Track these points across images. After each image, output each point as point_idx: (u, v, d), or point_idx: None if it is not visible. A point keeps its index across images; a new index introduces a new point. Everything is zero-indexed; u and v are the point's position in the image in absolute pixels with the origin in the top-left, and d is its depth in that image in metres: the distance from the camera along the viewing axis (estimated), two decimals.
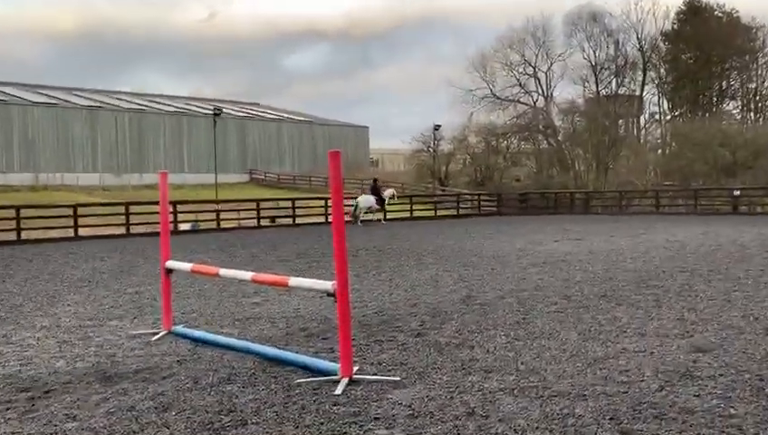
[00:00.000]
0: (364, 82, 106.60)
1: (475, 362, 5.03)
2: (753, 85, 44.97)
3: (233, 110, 57.76)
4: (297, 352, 5.33)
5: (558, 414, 3.83)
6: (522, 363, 4.96)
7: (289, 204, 26.90)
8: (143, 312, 7.56)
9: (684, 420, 3.70)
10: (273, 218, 27.36)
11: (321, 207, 26.97)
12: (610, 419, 3.75)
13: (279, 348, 5.49)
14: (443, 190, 42.95)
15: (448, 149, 49.23)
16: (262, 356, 5.24)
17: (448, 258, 12.40)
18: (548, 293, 8.11)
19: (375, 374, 4.73)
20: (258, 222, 25.21)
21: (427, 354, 5.27)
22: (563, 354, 5.19)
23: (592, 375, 4.61)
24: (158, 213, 6.94)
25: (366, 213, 25.20)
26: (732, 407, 3.88)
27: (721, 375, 4.51)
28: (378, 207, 25.59)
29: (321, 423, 3.81)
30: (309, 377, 4.66)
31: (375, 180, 27.94)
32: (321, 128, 59.62)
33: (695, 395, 4.12)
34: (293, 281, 5.13)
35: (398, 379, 4.59)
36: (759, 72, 44.79)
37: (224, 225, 24.39)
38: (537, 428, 3.64)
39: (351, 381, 4.51)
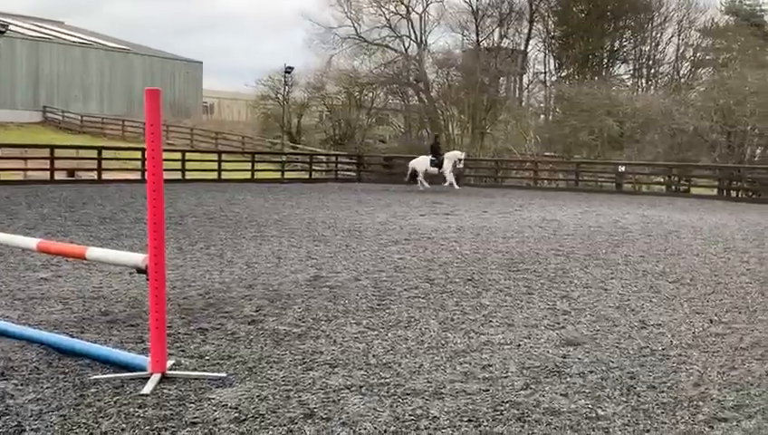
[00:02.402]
0: (200, 6, 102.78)
1: (318, 354, 5.10)
2: (647, 48, 48.58)
3: (24, 27, 53.50)
4: (95, 342, 5.13)
5: (410, 416, 3.99)
6: (373, 356, 5.10)
7: (94, 154, 25.54)
8: None
9: (548, 422, 3.99)
10: (72, 172, 25.88)
11: (137, 159, 25.86)
12: (468, 421, 3.96)
13: (72, 336, 5.26)
14: (293, 148, 42.72)
15: (302, 99, 48.90)
16: (48, 346, 4.99)
17: (295, 231, 12.42)
18: (409, 275, 8.38)
19: (195, 370, 4.67)
20: (52, 175, 23.74)
21: (262, 346, 5.28)
22: (421, 347, 5.40)
23: (452, 371, 4.84)
24: None
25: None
26: (600, 407, 4.24)
27: (591, 372, 4.91)
28: (433, 170, 25.45)
29: (122, 430, 3.70)
30: (109, 373, 4.50)
31: (436, 137, 28.26)
32: (142, 59, 56.86)
33: (562, 394, 4.45)
34: (93, 252, 4.90)
35: (224, 375, 4.56)
36: (653, 33, 48.43)
37: (5, 177, 22.74)
38: (385, 431, 3.77)
39: (164, 378, 4.42)
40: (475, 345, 5.49)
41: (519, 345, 5.53)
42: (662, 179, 30.59)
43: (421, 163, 25.83)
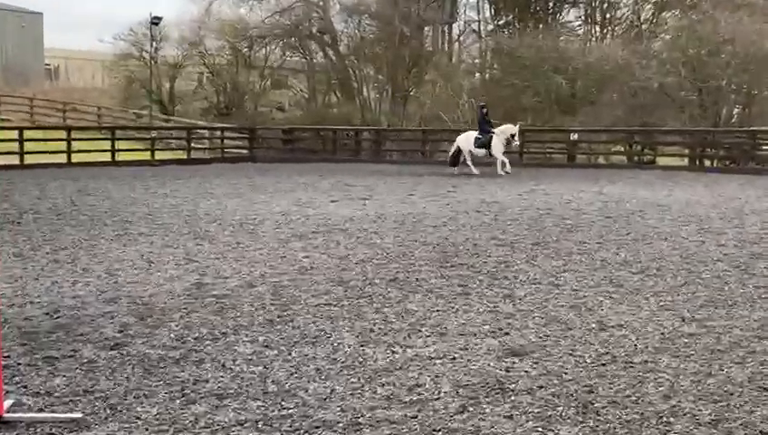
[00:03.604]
0: None
1: (203, 383, 5.05)
2: None
3: None
4: None
5: None
6: (273, 383, 5.08)
7: None
8: None
9: None
10: None
11: None
12: None
13: None
14: (166, 121, 42.03)
15: (175, 57, 48.10)
16: None
17: (171, 227, 12.24)
18: (317, 277, 8.37)
19: (41, 410, 4.55)
20: None
21: (129, 376, 5.19)
22: (333, 367, 5.41)
23: (371, 395, 4.87)
24: None
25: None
26: (552, 430, 4.35)
27: (541, 387, 5.02)
28: (479, 151, 24.07)
29: None
30: None
31: (482, 107, 26.04)
32: None
33: (506, 416, 4.54)
34: None
35: (79, 416, 4.46)
36: None
37: None
38: None
39: (1, 424, 4.29)
40: (401, 361, 5.53)
41: (454, 359, 5.60)
42: (623, 148, 31.44)
43: (465, 140, 24.57)
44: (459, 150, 24.53)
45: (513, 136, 24.15)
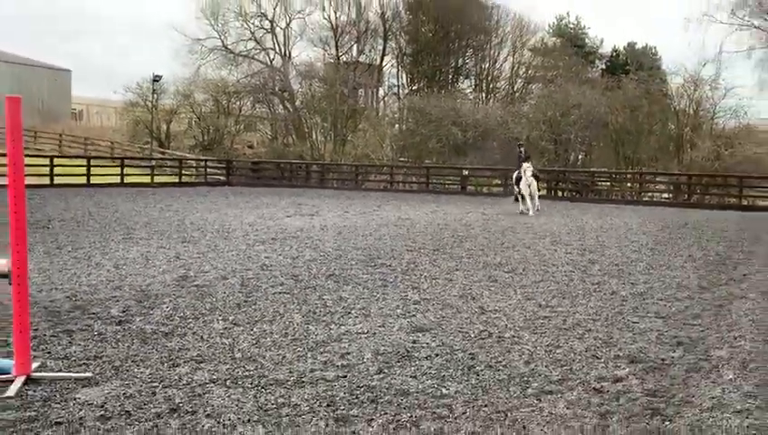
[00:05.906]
0: (69, 13, 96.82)
1: (185, 351, 4.95)
2: (486, 65, 50.69)
3: None
4: None
5: (273, 405, 3.95)
6: (238, 351, 5.01)
7: None
8: None
9: (398, 402, 4.07)
10: None
11: (3, 165, 24.09)
12: (327, 405, 3.97)
13: None
14: (163, 153, 41.26)
15: (171, 106, 47.27)
16: None
17: (164, 233, 11.99)
18: (275, 272, 8.29)
19: (60, 371, 4.41)
20: None
21: (129, 345, 5.06)
22: (284, 339, 5.36)
23: (312, 360, 4.83)
24: None
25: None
26: (444, 387, 4.37)
27: (437, 355, 5.05)
28: (517, 188, 19.80)
29: None
30: None
31: (520, 146, 21.58)
32: (8, 67, 53.02)
33: (411, 376, 4.55)
34: None
35: (90, 375, 4.33)
36: (492, 52, 50.61)
37: None
38: (249, 421, 3.71)
39: (30, 381, 4.15)
40: (335, 335, 5.51)
41: (374, 334, 5.60)
42: (500, 182, 31.88)
43: (514, 179, 20.28)
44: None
45: (525, 171, 19.40)
